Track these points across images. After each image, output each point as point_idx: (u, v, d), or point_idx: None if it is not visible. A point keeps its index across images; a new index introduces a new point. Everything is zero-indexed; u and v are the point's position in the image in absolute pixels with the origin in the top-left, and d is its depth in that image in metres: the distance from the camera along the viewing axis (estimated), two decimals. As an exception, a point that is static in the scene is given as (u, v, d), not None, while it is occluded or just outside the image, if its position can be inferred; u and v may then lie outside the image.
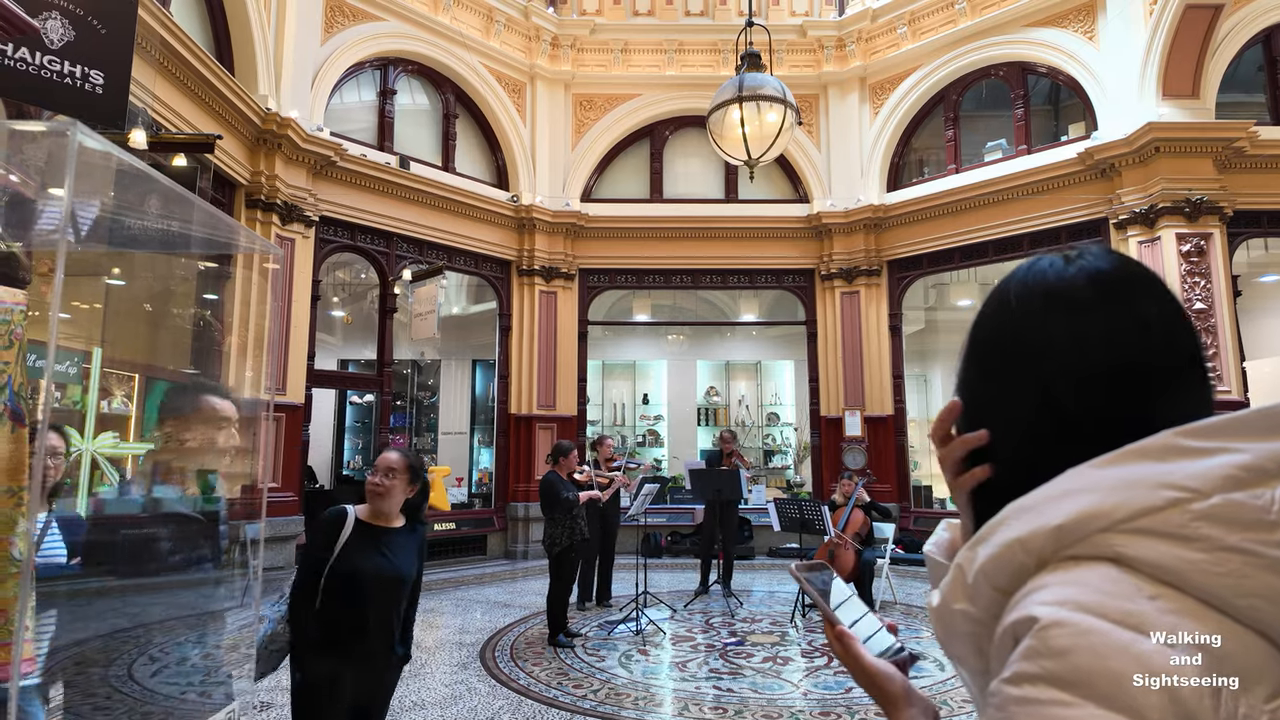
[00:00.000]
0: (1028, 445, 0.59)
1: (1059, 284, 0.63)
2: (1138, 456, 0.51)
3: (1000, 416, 0.61)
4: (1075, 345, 0.58)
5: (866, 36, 9.69)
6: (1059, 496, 0.52)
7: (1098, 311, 0.59)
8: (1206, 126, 7.47)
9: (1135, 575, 0.49)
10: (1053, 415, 0.58)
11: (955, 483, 0.63)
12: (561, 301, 9.75)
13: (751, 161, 5.69)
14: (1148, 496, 0.50)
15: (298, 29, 7.57)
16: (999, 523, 0.54)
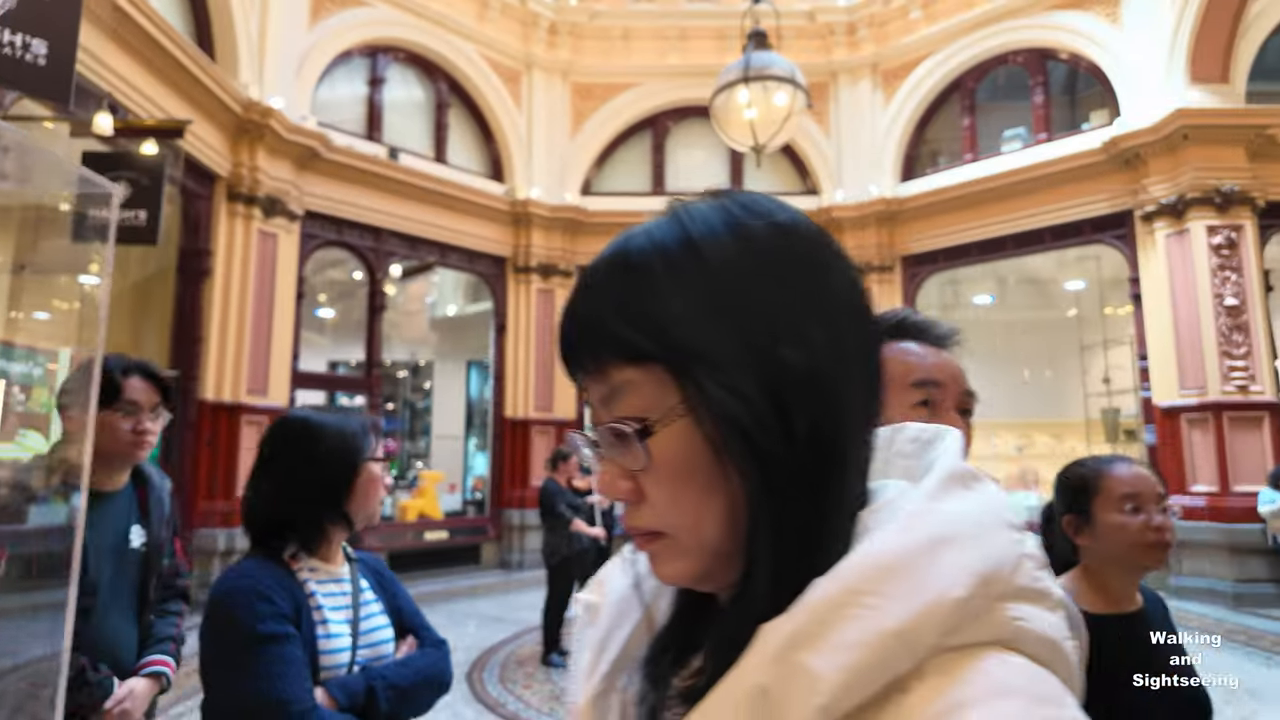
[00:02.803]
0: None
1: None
2: (958, 484, 0.40)
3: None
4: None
5: (879, 21, 9.31)
6: (931, 546, 0.35)
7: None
8: (1238, 113, 7.08)
9: (1033, 661, 0.36)
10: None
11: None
12: (559, 300, 9.36)
13: (759, 147, 5.33)
14: (1010, 541, 0.38)
15: (283, 15, 7.24)
16: (832, 603, 0.35)
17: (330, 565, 1.29)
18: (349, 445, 1.26)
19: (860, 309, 0.45)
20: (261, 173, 6.92)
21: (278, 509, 1.23)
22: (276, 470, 1.25)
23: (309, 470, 1.23)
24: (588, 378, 0.44)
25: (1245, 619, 6.00)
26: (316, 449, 1.24)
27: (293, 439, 1.27)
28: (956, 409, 0.91)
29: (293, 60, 7.38)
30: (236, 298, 6.77)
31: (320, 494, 1.23)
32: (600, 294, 0.44)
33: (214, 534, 6.44)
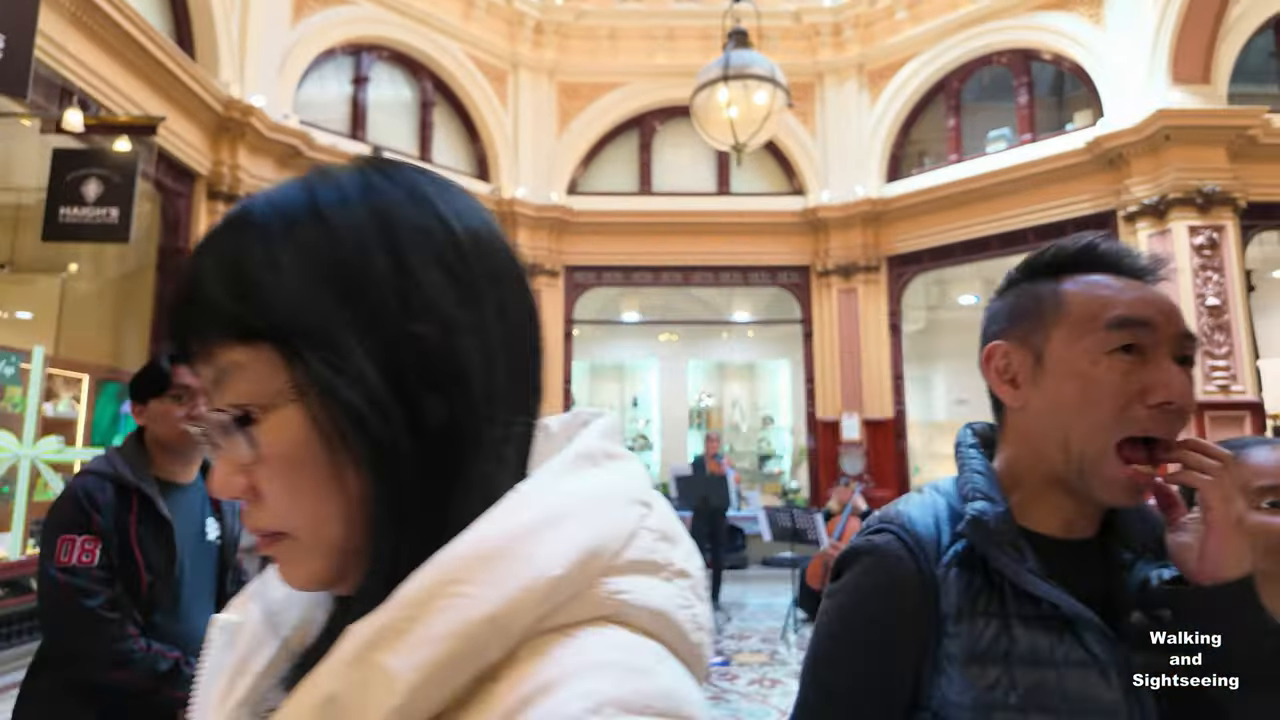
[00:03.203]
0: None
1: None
2: (587, 462, 0.39)
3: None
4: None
5: (864, 22, 9.33)
6: (536, 527, 0.35)
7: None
8: (1219, 114, 7.11)
9: (637, 633, 0.36)
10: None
11: None
12: (546, 299, 9.36)
13: (739, 146, 5.32)
14: (627, 515, 0.38)
15: (264, 13, 7.20)
16: (423, 595, 0.33)
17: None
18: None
19: (513, 286, 0.41)
20: (243, 171, 6.87)
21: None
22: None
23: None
24: (196, 360, 0.39)
25: (1226, 618, 6.02)
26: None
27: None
28: (1173, 356, 0.73)
29: (274, 58, 7.34)
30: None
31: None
32: (211, 261, 0.38)
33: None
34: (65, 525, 1.50)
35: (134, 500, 1.56)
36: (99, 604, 1.47)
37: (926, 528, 0.78)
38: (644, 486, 0.40)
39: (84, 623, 1.46)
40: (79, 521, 1.50)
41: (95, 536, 1.49)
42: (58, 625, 1.53)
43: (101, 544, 1.50)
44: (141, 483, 1.57)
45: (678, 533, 0.40)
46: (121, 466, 1.58)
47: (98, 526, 1.49)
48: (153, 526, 1.57)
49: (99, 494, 1.52)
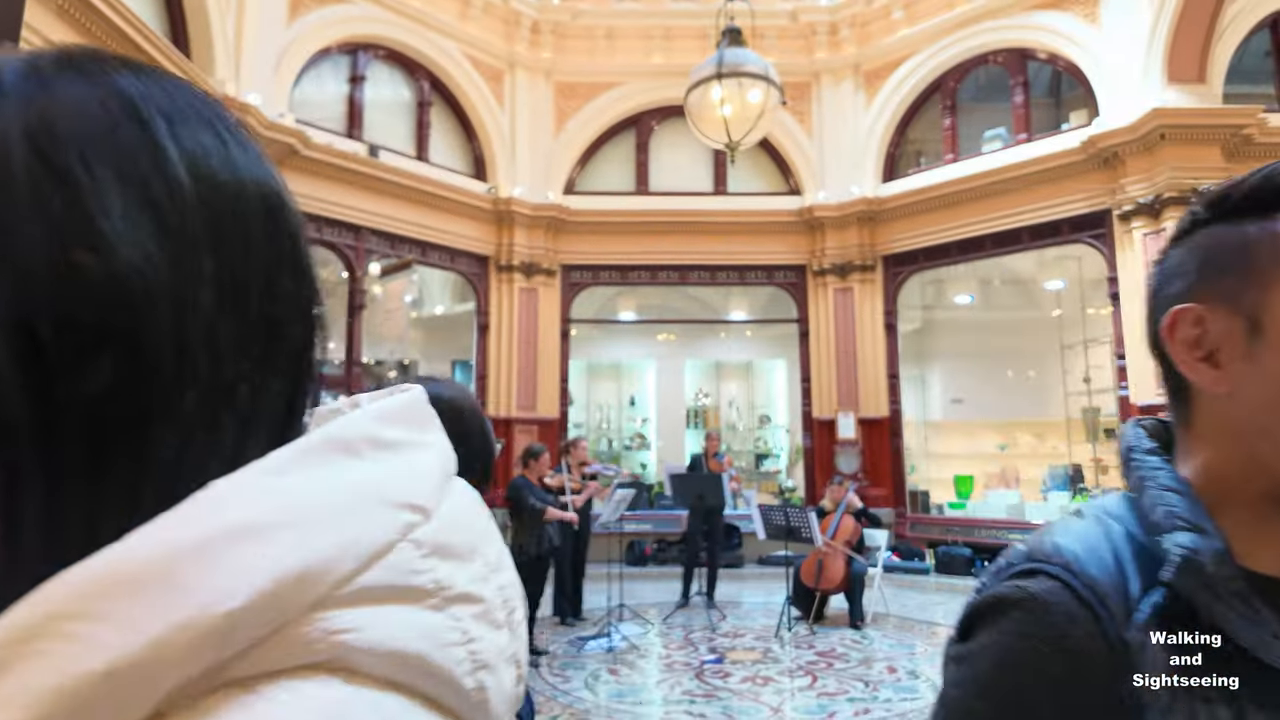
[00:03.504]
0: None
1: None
2: (339, 450, 0.30)
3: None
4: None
5: (860, 22, 9.34)
6: (218, 540, 0.25)
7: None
8: (1214, 113, 7.12)
9: (366, 684, 0.27)
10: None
11: None
12: (543, 298, 9.37)
13: (732, 144, 5.32)
14: (378, 524, 0.29)
15: (260, 12, 7.20)
16: (15, 637, 0.23)
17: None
18: (487, 426, 0.97)
19: (255, 207, 0.32)
20: (238, 169, 6.88)
21: None
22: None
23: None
24: None
25: (1221, 617, 6.02)
26: (460, 429, 1.03)
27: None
28: None
29: (270, 57, 7.35)
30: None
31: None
32: None
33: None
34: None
35: None
36: None
37: (1103, 569, 0.55)
38: (424, 485, 0.32)
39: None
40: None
41: None
42: None
43: None
44: None
45: (469, 545, 0.32)
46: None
47: None
48: None
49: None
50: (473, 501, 0.35)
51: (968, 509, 8.78)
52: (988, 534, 8.24)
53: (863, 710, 3.93)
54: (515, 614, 0.35)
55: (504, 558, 0.36)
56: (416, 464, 0.32)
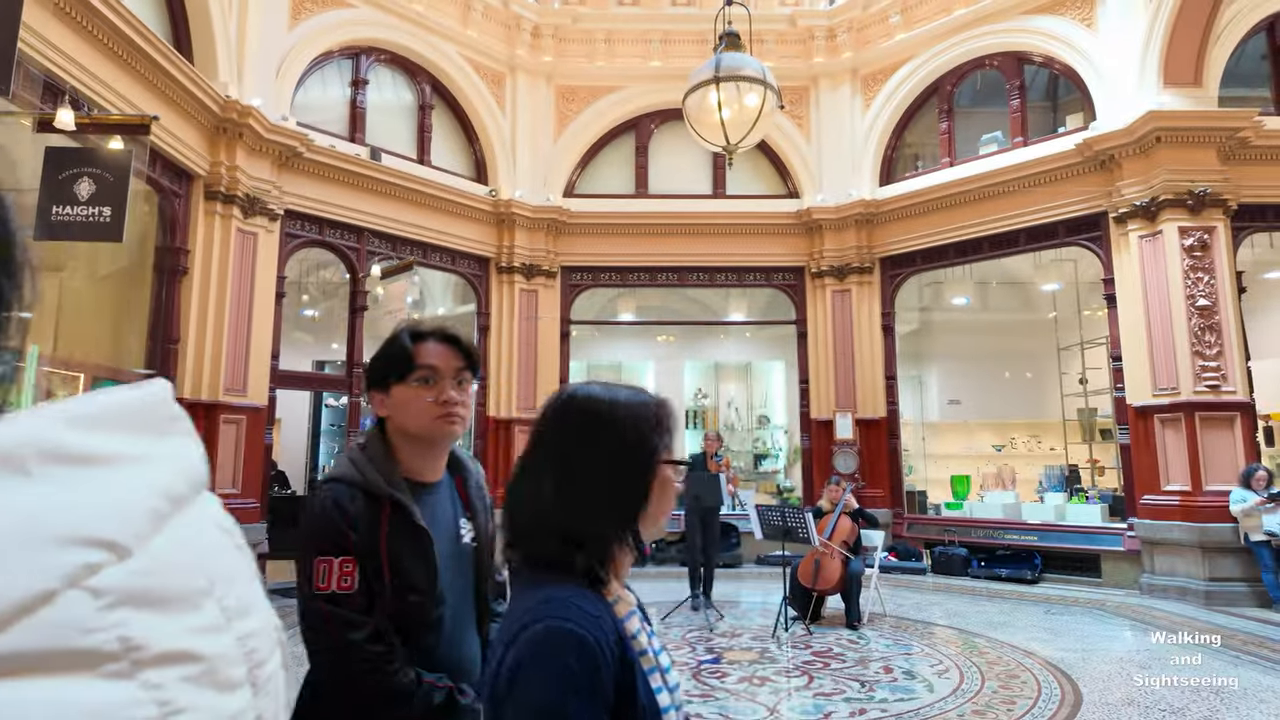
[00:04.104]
0: None
1: None
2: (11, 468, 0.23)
3: None
4: None
5: (858, 26, 9.39)
6: None
7: None
8: (1209, 115, 7.17)
9: None
10: None
11: None
12: (543, 300, 9.43)
13: (730, 147, 5.37)
14: (40, 566, 0.22)
15: (262, 15, 7.26)
16: None
17: (623, 590, 0.96)
18: (646, 435, 0.94)
19: None
20: (240, 172, 6.93)
21: (566, 517, 0.91)
22: (557, 463, 0.94)
23: (597, 467, 0.92)
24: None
25: (1216, 617, 6.05)
26: (608, 437, 0.94)
27: (578, 421, 0.95)
28: None
29: (272, 60, 7.41)
30: (215, 296, 6.79)
31: (609, 501, 0.92)
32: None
33: (190, 533, 6.43)
34: (320, 545, 1.28)
35: (386, 510, 1.32)
36: (364, 637, 1.25)
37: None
38: (123, 513, 0.25)
39: (351, 659, 1.24)
40: (334, 540, 1.27)
41: (352, 557, 1.27)
42: (329, 661, 1.28)
43: (359, 565, 1.27)
44: (394, 490, 1.33)
45: (192, 589, 0.26)
46: (369, 471, 1.34)
47: (353, 545, 1.27)
48: (408, 539, 1.32)
49: (349, 505, 1.30)
50: (217, 529, 0.29)
51: (965, 509, 8.82)
52: (984, 534, 8.28)
53: (859, 710, 3.97)
54: (265, 667, 0.28)
55: (253, 599, 0.29)
56: (117, 485, 0.26)
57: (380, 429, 1.41)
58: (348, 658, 1.25)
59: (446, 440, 1.41)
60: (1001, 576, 7.79)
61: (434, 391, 1.36)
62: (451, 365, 1.39)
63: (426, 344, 1.39)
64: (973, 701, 4.11)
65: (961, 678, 4.55)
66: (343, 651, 1.25)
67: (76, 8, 5.14)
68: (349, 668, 1.25)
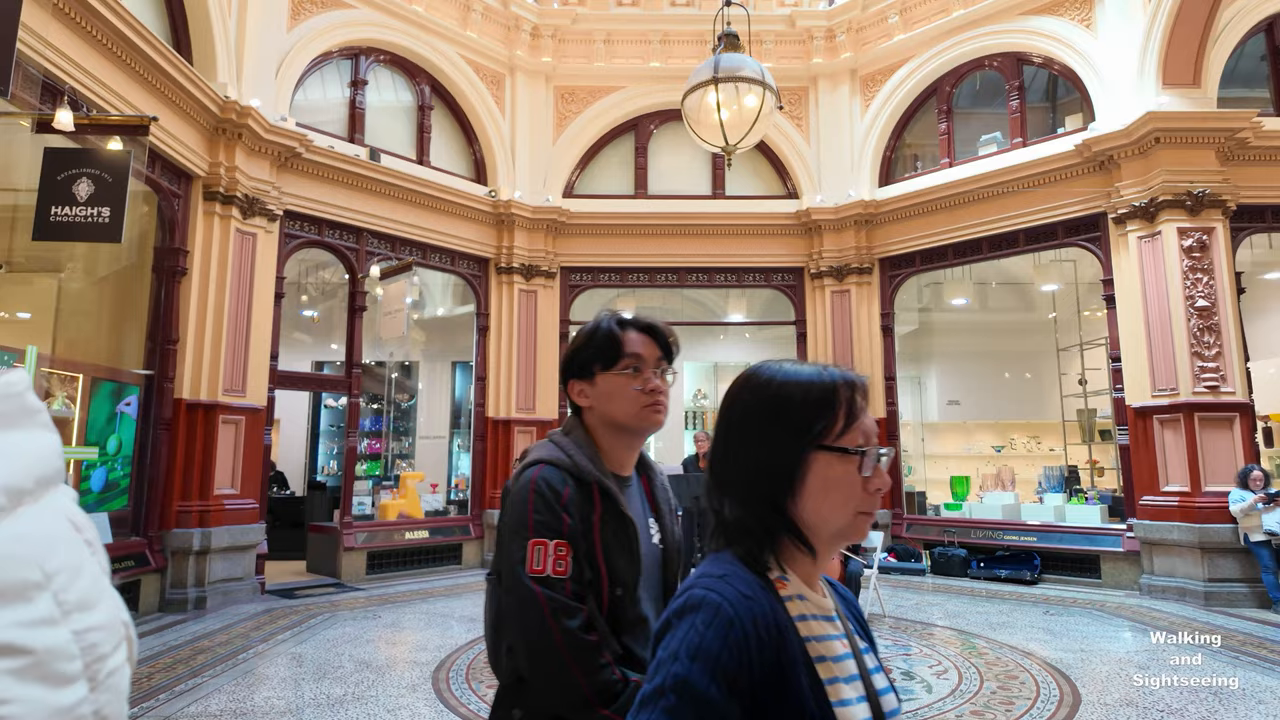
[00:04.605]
0: None
1: None
2: None
3: None
4: None
5: (857, 27, 9.40)
6: None
7: None
8: (1208, 116, 7.17)
9: None
10: None
11: None
12: (542, 300, 9.43)
13: (729, 148, 5.36)
14: None
15: (261, 17, 7.27)
16: None
17: (815, 594, 0.86)
18: (803, 415, 0.85)
19: None
20: (239, 173, 6.93)
21: (717, 493, 0.88)
22: (719, 437, 0.90)
23: (744, 446, 0.87)
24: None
25: (1215, 618, 6.05)
26: (761, 413, 0.87)
27: (744, 397, 0.89)
28: None
29: (271, 61, 7.41)
30: (214, 297, 6.78)
31: (749, 483, 0.86)
32: None
33: (189, 534, 6.43)
34: (535, 526, 1.21)
35: (596, 497, 1.26)
36: (579, 624, 1.18)
37: None
38: None
39: (563, 647, 1.16)
40: (549, 523, 1.21)
41: (567, 541, 1.21)
42: (536, 648, 1.19)
43: (572, 550, 1.21)
44: (603, 476, 1.29)
45: (25, 582, 0.26)
46: (577, 455, 1.29)
47: (568, 529, 1.22)
48: (616, 528, 1.26)
49: (561, 488, 1.24)
50: (67, 523, 0.29)
51: (964, 510, 8.82)
52: (984, 535, 8.27)
53: (856, 709, 3.97)
54: (108, 662, 0.28)
55: (99, 595, 0.28)
56: None
57: (578, 418, 1.36)
58: (559, 645, 1.16)
59: (650, 431, 1.36)
60: (1001, 577, 7.79)
61: (640, 380, 1.32)
62: (653, 354, 1.35)
63: (629, 332, 1.35)
64: (971, 702, 4.11)
65: (960, 678, 4.55)
66: (554, 638, 1.17)
67: (75, 8, 5.14)
68: (559, 655, 1.16)
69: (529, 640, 1.19)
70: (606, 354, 1.33)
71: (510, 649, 1.25)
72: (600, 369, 1.33)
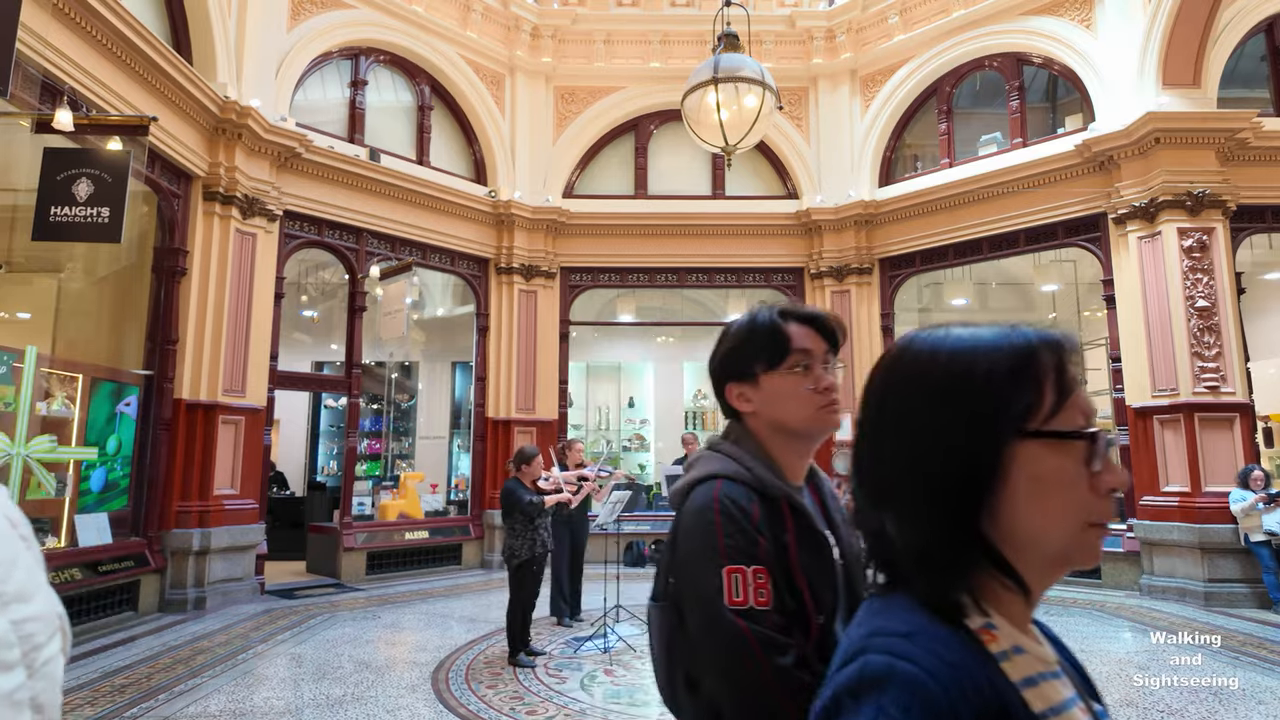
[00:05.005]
0: None
1: None
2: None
3: None
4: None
5: (857, 27, 9.40)
6: None
7: None
8: (1208, 116, 7.16)
9: None
10: None
11: None
12: (542, 301, 9.42)
13: (729, 148, 5.35)
14: None
15: (261, 17, 7.27)
16: None
17: (1032, 642, 0.63)
18: (990, 391, 0.62)
19: None
20: (239, 173, 6.93)
21: (870, 505, 0.67)
22: (869, 429, 0.69)
23: (904, 436, 0.65)
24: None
25: (1215, 618, 6.05)
26: (925, 392, 0.64)
27: (902, 372, 0.67)
28: None
29: (271, 62, 7.41)
30: (213, 297, 6.78)
31: (925, 495, 0.62)
32: None
33: (189, 534, 6.42)
34: (728, 551, 1.05)
35: (786, 513, 1.12)
36: (793, 662, 1.02)
37: None
38: None
39: (777, 689, 1.00)
40: (744, 547, 1.06)
41: (764, 567, 1.06)
42: (744, 690, 1.03)
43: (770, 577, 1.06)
44: (790, 489, 1.14)
45: None
46: (757, 468, 1.14)
47: (765, 553, 1.07)
48: (810, 548, 1.11)
49: (749, 507, 1.09)
50: (4, 520, 0.31)
51: (964, 511, 8.79)
52: (984, 536, 8.25)
53: (856, 710, 3.96)
54: (43, 651, 0.29)
55: (35, 587, 0.30)
56: None
57: (742, 425, 1.21)
58: (771, 687, 1.00)
59: (827, 434, 1.21)
60: (1001, 578, 7.76)
61: (812, 379, 1.17)
62: (820, 347, 1.20)
63: (791, 325, 1.20)
64: (971, 703, 4.10)
65: (960, 679, 4.54)
66: (764, 679, 1.00)
67: (75, 8, 5.14)
68: (771, 698, 1.00)
69: (735, 682, 1.03)
70: (771, 352, 1.18)
71: (690, 682, 1.11)
72: (764, 369, 1.18)
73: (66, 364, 5.88)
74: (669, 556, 1.16)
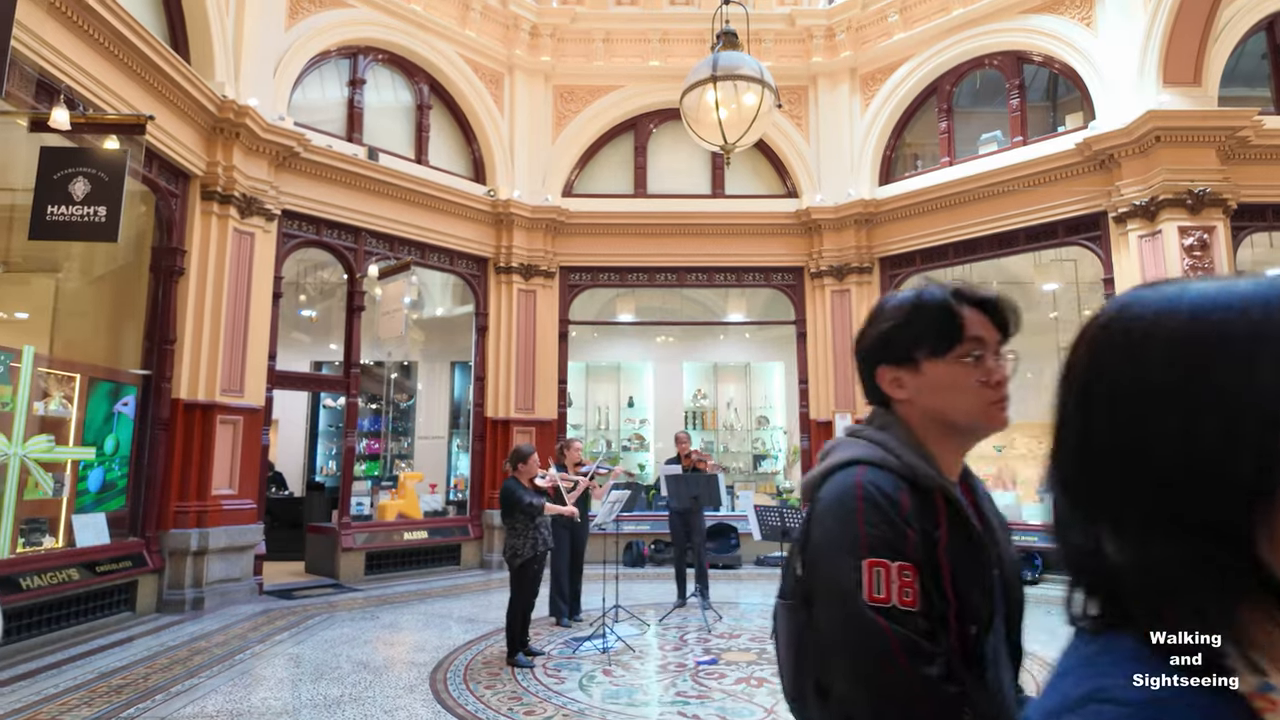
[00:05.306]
0: None
1: None
2: None
3: None
4: None
5: (856, 25, 9.38)
6: None
7: None
8: (1209, 115, 7.14)
9: None
10: None
11: None
12: (541, 300, 9.41)
13: (728, 146, 5.34)
14: None
15: (259, 14, 7.25)
16: None
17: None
18: (1250, 368, 0.45)
19: None
20: (237, 172, 6.91)
21: (1076, 513, 0.53)
22: (1104, 422, 0.51)
23: (1157, 432, 0.47)
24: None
25: (1216, 618, 6.02)
26: (1176, 376, 0.47)
27: (1140, 350, 0.50)
28: None
29: (269, 60, 7.39)
30: (211, 297, 6.77)
31: (1170, 501, 0.47)
32: None
33: (187, 534, 6.41)
34: (870, 543, 0.95)
35: (940, 507, 1.01)
36: (940, 673, 0.92)
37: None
38: None
39: (921, 701, 0.91)
40: (889, 539, 0.96)
41: (911, 564, 0.95)
42: (883, 698, 0.93)
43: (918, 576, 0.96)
44: (946, 481, 1.04)
45: None
46: (908, 455, 1.04)
47: (913, 548, 0.96)
48: (963, 547, 1.00)
49: (897, 496, 0.99)
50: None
51: (965, 510, 8.77)
52: (984, 535, 8.24)
53: (855, 710, 3.94)
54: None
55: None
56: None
57: (891, 412, 1.10)
58: (915, 698, 0.91)
59: (992, 433, 1.08)
60: (1001, 577, 7.75)
61: (983, 371, 1.04)
62: (993, 337, 1.07)
63: (965, 309, 1.07)
64: (972, 703, 4.08)
65: (960, 679, 4.52)
66: (909, 688, 0.91)
67: (71, 6, 5.12)
68: (914, 710, 0.91)
69: (873, 689, 0.93)
70: (939, 337, 1.05)
71: (821, 690, 1.01)
72: (928, 355, 1.05)
73: (64, 364, 5.86)
74: (799, 549, 1.06)
